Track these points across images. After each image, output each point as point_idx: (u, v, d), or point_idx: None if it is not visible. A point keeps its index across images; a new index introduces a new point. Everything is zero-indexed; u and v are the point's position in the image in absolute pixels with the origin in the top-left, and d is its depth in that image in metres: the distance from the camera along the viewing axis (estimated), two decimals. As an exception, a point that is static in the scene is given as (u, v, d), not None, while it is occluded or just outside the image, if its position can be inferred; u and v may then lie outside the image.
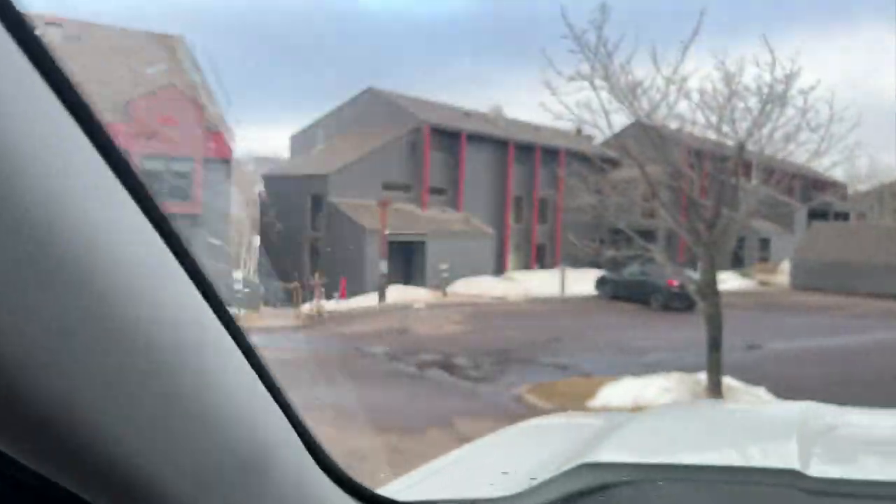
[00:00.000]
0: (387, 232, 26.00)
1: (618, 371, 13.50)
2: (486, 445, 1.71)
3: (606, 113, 9.75)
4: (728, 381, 9.77)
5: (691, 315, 24.02)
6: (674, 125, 10.97)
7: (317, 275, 24.04)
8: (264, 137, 62.84)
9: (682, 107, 10.64)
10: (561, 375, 13.00)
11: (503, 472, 1.24)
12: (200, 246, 23.54)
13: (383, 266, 23.83)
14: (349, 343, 16.53)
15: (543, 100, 10.42)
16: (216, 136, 22.88)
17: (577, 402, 10.05)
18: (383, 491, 1.03)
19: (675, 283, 24.70)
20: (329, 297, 25.91)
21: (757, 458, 1.36)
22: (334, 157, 31.89)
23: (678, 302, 24.92)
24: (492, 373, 13.18)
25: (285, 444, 0.70)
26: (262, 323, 20.89)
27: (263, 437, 0.64)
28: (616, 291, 26.67)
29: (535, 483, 1.14)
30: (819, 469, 1.13)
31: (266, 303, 29.37)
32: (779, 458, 1.23)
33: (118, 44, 26.43)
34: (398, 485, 1.28)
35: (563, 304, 25.24)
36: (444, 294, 25.46)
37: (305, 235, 30.55)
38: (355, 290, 26.64)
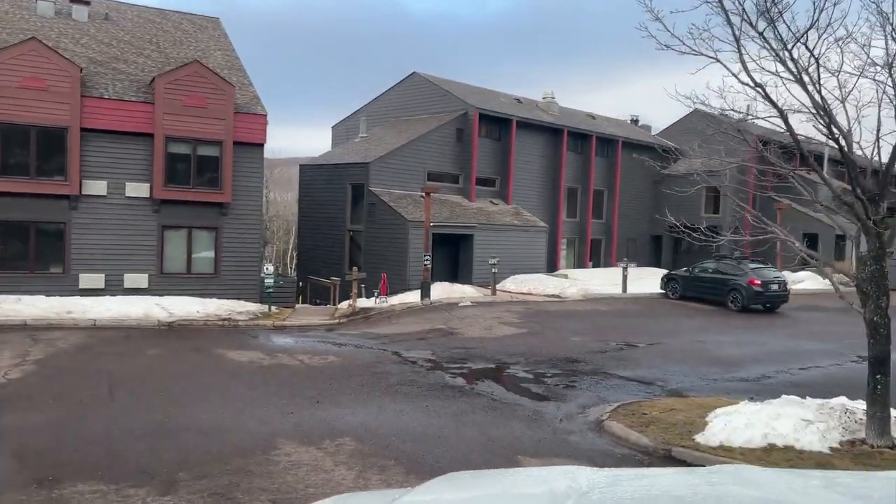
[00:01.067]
0: (431, 224, 23.78)
1: (715, 388, 10.96)
2: None
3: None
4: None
5: (778, 317, 21.27)
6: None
7: (355, 270, 21.98)
8: (306, 138, 61.51)
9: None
10: (645, 394, 10.54)
11: None
12: (229, 237, 21.83)
13: (427, 260, 21.62)
14: (387, 346, 14.36)
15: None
16: (248, 119, 21.00)
17: (682, 436, 7.61)
18: None
19: (758, 281, 21.87)
20: (369, 293, 23.86)
21: None
22: (376, 145, 29.85)
23: (761, 302, 22.08)
24: (559, 388, 10.81)
25: None
26: (294, 321, 18.92)
27: None
28: (686, 290, 23.93)
29: None
30: None
31: (301, 299, 27.53)
32: None
33: (149, 23, 24.85)
34: None
35: (628, 305, 22.61)
36: (494, 291, 23.10)
37: (344, 228, 28.56)
38: (397, 286, 24.51)
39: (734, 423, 7.41)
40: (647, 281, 28.57)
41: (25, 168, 18.28)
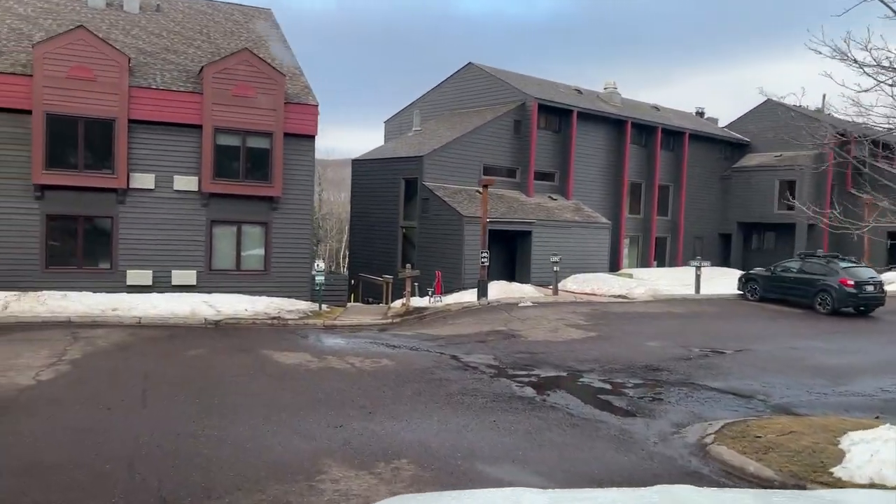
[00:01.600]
0: (488, 219, 22.54)
1: (828, 404, 9.39)
2: None
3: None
4: None
5: (872, 322, 19.22)
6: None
7: (408, 267, 20.89)
8: (359, 139, 61.03)
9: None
10: (746, 409, 9.06)
11: None
12: (279, 232, 21.02)
13: (484, 258, 20.37)
14: (444, 349, 13.18)
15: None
16: (298, 110, 20.15)
17: (814, 468, 6.16)
18: None
19: (851, 281, 19.86)
20: (422, 292, 22.77)
21: None
22: (430, 138, 28.75)
23: (853, 305, 20.05)
24: (644, 402, 9.42)
25: None
26: (346, 320, 17.94)
27: None
28: (767, 291, 22.03)
29: None
30: None
31: (353, 297, 26.65)
32: None
33: (200, 14, 24.33)
34: None
35: (703, 306, 20.88)
36: (556, 291, 21.69)
37: (397, 224, 27.55)
38: (451, 284, 23.35)
39: (884, 455, 5.92)
40: (719, 281, 26.68)
41: (73, 160, 17.79)
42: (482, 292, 20.11)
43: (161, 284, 18.82)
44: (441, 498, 2.16)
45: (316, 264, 19.24)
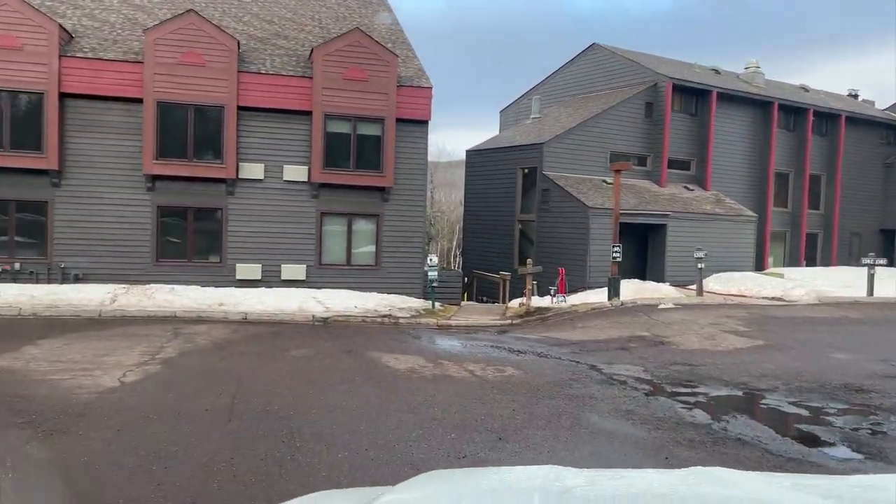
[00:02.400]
0: (616, 216, 20.22)
1: None
2: None
3: None
4: None
5: None
6: None
7: (528, 263, 18.93)
8: (472, 140, 59.60)
9: None
10: None
11: None
12: (391, 224, 19.69)
13: (617, 253, 18.07)
14: (579, 357, 11.16)
15: None
16: (411, 93, 18.72)
17: None
18: None
19: None
20: (541, 291, 20.77)
21: None
22: (551, 125, 26.62)
23: None
24: (862, 435, 7.01)
25: None
26: (461, 319, 16.28)
27: None
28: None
29: None
30: None
31: (467, 295, 25.01)
32: None
33: (313, 0, 23.53)
34: None
35: (885, 311, 17.53)
36: (700, 292, 19.00)
37: (514, 218, 25.63)
38: (574, 283, 21.17)
39: None
40: (888, 283, 22.82)
41: (183, 150, 17.21)
42: (614, 292, 17.82)
43: (270, 279, 17.95)
44: (478, 472, 2.08)
45: (429, 259, 17.70)
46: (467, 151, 28.64)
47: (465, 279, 26.32)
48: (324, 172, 18.12)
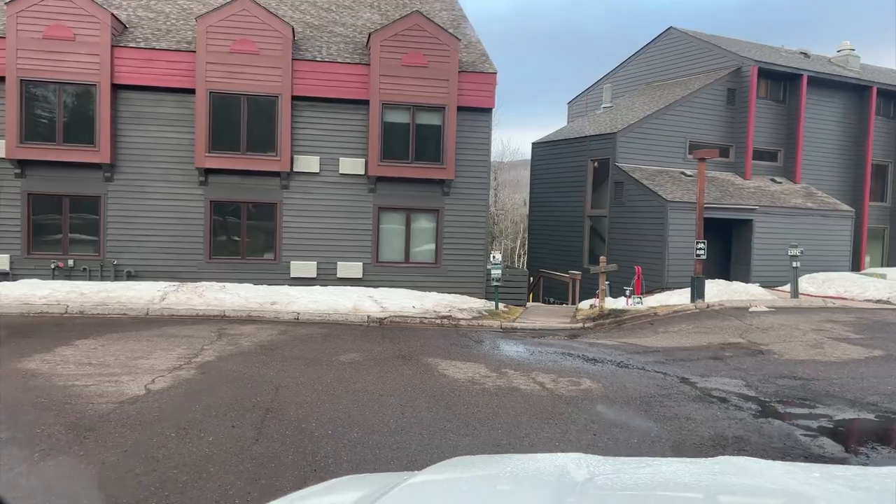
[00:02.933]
0: (700, 209, 18.51)
1: None
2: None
3: None
4: None
5: None
6: None
7: (601, 262, 17.43)
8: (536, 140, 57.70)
9: None
10: None
11: None
12: (451, 220, 18.53)
13: (701, 250, 16.38)
14: (665, 367, 9.70)
15: None
16: (474, 79, 17.52)
17: None
18: None
19: None
20: (614, 292, 19.22)
21: None
22: (624, 114, 24.93)
23: None
24: None
25: None
26: (526, 322, 15.00)
27: None
28: None
29: None
30: None
31: (532, 296, 23.64)
32: None
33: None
34: None
35: None
36: (796, 293, 17.06)
37: (583, 213, 24.07)
38: (651, 283, 19.53)
39: None
40: None
41: (235, 142, 16.50)
42: (698, 293, 16.14)
43: (325, 277, 17.08)
44: (501, 458, 2.09)
45: (492, 256, 16.44)
46: (533, 144, 27.20)
47: (531, 279, 24.95)
48: (381, 165, 17.13)
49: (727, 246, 22.68)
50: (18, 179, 15.83)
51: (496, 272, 16.13)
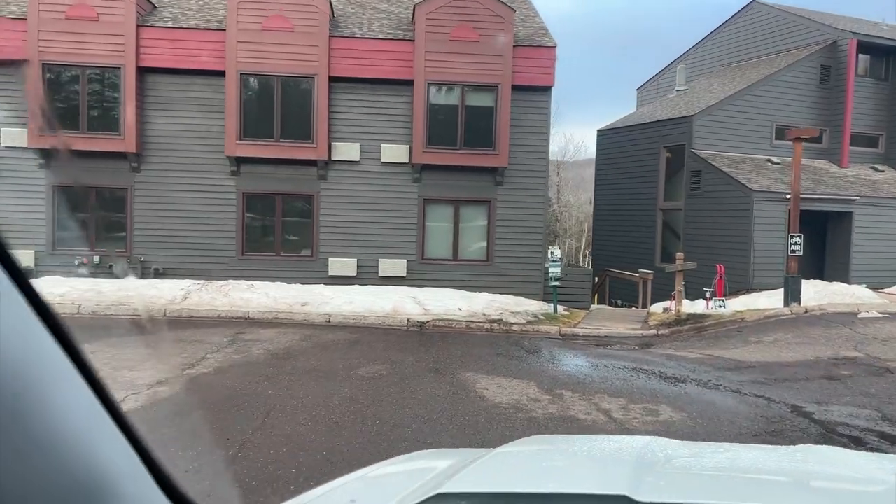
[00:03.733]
0: (791, 194, 16.14)
1: None
2: (352, 479, 1.84)
3: None
4: None
5: None
6: None
7: (678, 259, 15.25)
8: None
9: None
10: None
11: (351, 501, 1.52)
12: (505, 213, 16.73)
13: (796, 245, 14.04)
14: (766, 389, 7.63)
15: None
16: (531, 54, 15.67)
17: None
18: None
19: None
20: (691, 293, 16.98)
21: (592, 485, 1.42)
22: (700, 96, 22.50)
23: None
24: None
25: (131, 475, 0.64)
26: (589, 327, 13.09)
27: (107, 467, 0.59)
28: None
29: None
30: (648, 494, 1.24)
31: (598, 298, 21.54)
32: (612, 485, 1.35)
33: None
34: None
35: None
36: (914, 297, 14.47)
37: (655, 206, 21.79)
38: (736, 283, 17.18)
39: None
40: None
41: (269, 128, 15.15)
42: (793, 295, 13.80)
43: (366, 275, 15.54)
44: (580, 438, 2.26)
45: (550, 253, 14.52)
46: (598, 132, 25.03)
47: (595, 279, 22.85)
48: (427, 152, 15.47)
49: (820, 242, 19.99)
50: (42, 170, 14.92)
51: (555, 270, 14.22)
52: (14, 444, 0.48)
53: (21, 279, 0.49)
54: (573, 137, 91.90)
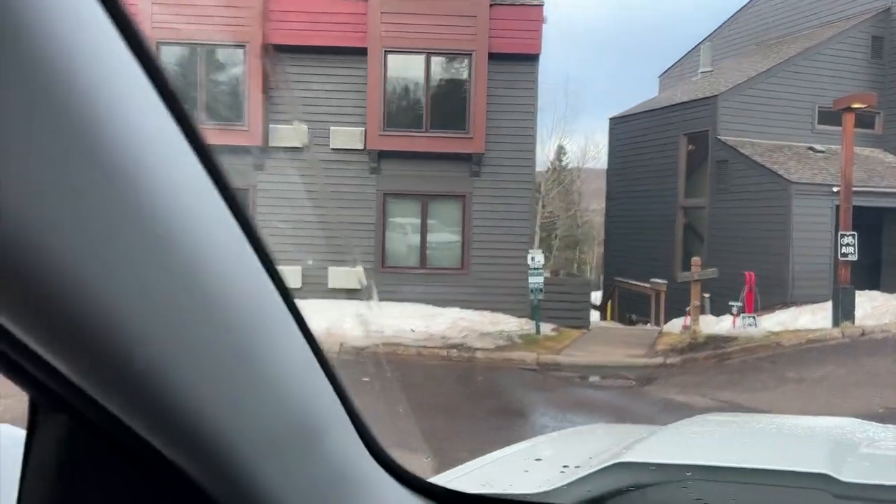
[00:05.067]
0: (837, 188, 13.01)
1: None
2: (535, 442, 1.86)
3: None
4: None
5: None
6: None
7: (694, 266, 12.12)
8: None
9: None
10: None
11: (537, 459, 1.44)
12: (483, 209, 13.85)
13: (849, 248, 10.87)
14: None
15: None
16: (511, 14, 12.82)
17: None
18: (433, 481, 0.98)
19: None
20: (716, 308, 13.86)
21: (790, 461, 1.34)
22: (728, 77, 19.30)
23: None
24: None
25: (336, 424, 0.69)
26: (579, 354, 10.22)
27: (317, 414, 0.65)
28: None
29: (567, 475, 1.22)
30: (851, 475, 1.15)
31: (609, 313, 18.47)
32: (812, 462, 1.25)
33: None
34: (446, 476, 1.34)
35: None
36: None
37: (675, 204, 18.58)
38: (772, 294, 13.98)
39: None
40: None
41: (191, 107, 12.50)
42: (845, 311, 10.62)
43: (313, 288, 12.71)
44: (763, 417, 2.15)
45: (530, 257, 11.50)
46: (611, 120, 21.92)
47: (607, 290, 19.77)
48: (385, 135, 12.70)
49: (875, 245, 16.59)
50: None
51: (535, 280, 11.22)
52: (246, 383, 0.53)
53: (253, 235, 0.53)
54: (595, 138, 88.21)
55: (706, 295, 14.27)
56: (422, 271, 13.13)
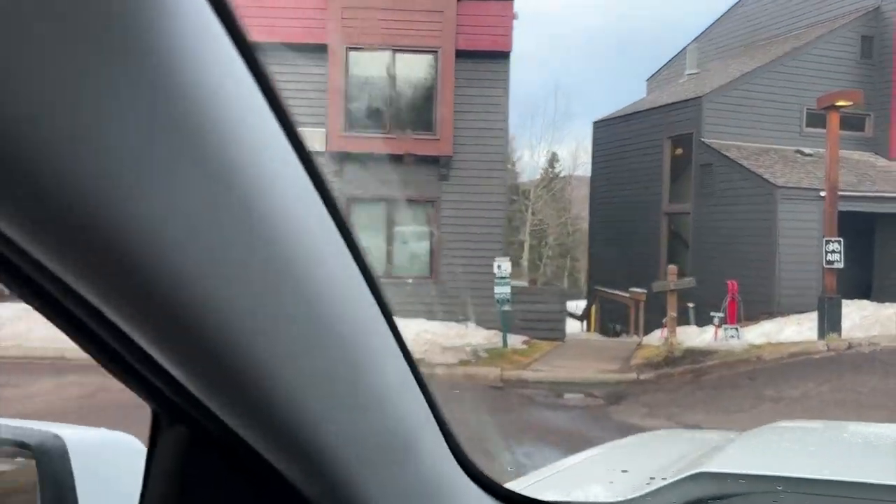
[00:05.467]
0: (832, 189, 12.36)
1: None
2: (609, 449, 1.82)
3: None
4: None
5: None
6: None
7: (670, 274, 11.45)
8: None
9: None
10: None
11: (623, 471, 1.35)
12: (452, 214, 13.17)
13: (834, 254, 10.22)
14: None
15: None
16: (480, 9, 12.20)
17: None
18: (512, 487, 1.00)
19: None
20: (700, 317, 13.21)
21: (874, 474, 1.27)
22: (714, 79, 18.70)
23: None
24: None
25: (427, 434, 0.70)
26: (546, 369, 9.56)
27: (413, 426, 0.67)
28: None
29: (652, 486, 1.18)
30: None
31: (591, 324, 17.79)
32: None
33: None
34: (524, 482, 1.34)
35: None
36: None
37: (658, 210, 17.94)
38: (756, 304, 13.33)
39: None
40: None
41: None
42: (831, 322, 9.96)
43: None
44: (837, 425, 2.06)
45: (497, 265, 10.82)
46: (595, 123, 21.30)
47: (592, 300, 19.10)
48: (346, 137, 12.06)
49: (866, 252, 15.97)
50: None
51: (502, 291, 10.54)
52: (352, 396, 0.55)
53: (353, 244, 0.52)
54: (585, 144, 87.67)
55: (690, 305, 13.62)
56: (387, 280, 12.42)
